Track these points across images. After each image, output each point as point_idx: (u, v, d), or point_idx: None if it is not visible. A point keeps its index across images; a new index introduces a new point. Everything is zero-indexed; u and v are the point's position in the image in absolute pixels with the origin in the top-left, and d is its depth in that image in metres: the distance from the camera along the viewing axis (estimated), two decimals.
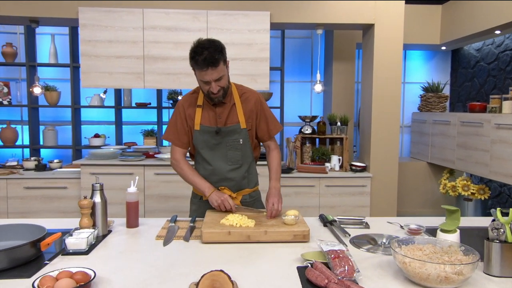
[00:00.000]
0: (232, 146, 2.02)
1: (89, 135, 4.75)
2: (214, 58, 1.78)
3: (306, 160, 4.22)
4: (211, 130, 1.98)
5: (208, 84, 1.85)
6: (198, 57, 1.78)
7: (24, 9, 3.76)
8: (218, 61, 1.80)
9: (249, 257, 1.52)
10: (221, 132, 1.98)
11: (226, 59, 1.89)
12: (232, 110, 2.01)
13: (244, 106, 2.02)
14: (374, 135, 4.01)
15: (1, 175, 3.79)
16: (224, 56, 1.86)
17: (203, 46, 1.79)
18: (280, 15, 3.86)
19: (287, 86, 5.10)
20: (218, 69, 1.81)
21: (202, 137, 2.00)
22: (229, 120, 2.00)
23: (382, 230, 1.87)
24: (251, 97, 2.05)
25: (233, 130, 2.00)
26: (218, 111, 1.98)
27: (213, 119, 1.99)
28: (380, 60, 3.94)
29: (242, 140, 2.02)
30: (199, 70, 1.81)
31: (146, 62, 3.76)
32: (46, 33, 4.85)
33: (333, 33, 4.78)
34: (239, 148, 2.02)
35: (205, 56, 1.77)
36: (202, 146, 2.02)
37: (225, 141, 2.01)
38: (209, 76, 1.81)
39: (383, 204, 4.02)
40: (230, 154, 2.02)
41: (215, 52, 1.79)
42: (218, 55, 1.79)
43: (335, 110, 4.77)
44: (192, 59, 1.82)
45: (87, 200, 1.67)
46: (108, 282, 1.28)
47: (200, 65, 1.79)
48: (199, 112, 1.99)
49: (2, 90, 4.65)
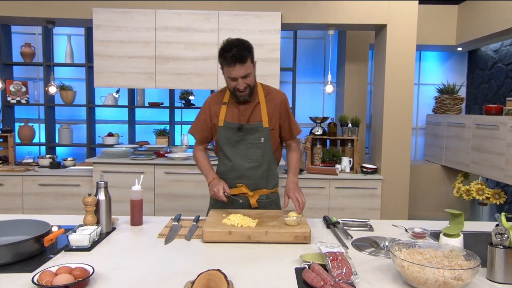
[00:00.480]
0: (253, 144, 2.05)
1: (103, 133, 4.83)
2: (242, 55, 1.85)
3: (317, 161, 4.19)
4: (233, 127, 2.03)
5: (235, 80, 1.92)
6: (226, 54, 1.85)
7: (40, 10, 3.84)
8: (246, 58, 1.87)
9: (248, 257, 1.53)
10: (243, 129, 2.02)
11: (254, 59, 1.96)
12: (256, 109, 2.04)
13: (269, 106, 2.05)
14: (385, 137, 3.96)
15: (17, 172, 3.89)
16: (252, 55, 1.92)
17: (232, 44, 1.87)
18: (291, 16, 3.85)
19: (300, 87, 5.09)
20: (245, 66, 1.88)
21: (225, 133, 2.05)
22: (252, 118, 2.04)
23: (386, 233, 1.85)
24: (276, 97, 2.08)
25: (255, 128, 2.03)
26: (241, 108, 2.03)
27: (236, 116, 2.04)
28: (392, 61, 3.89)
29: (264, 139, 2.04)
30: (227, 66, 1.88)
31: (157, 62, 3.80)
32: (63, 34, 4.96)
33: (346, 33, 4.75)
34: (260, 147, 2.05)
35: (233, 53, 1.84)
36: (224, 142, 2.07)
37: (247, 138, 2.04)
38: (236, 73, 1.88)
39: (394, 207, 3.97)
40: (251, 152, 2.05)
41: (243, 50, 1.86)
42: (246, 52, 1.87)
43: (347, 111, 4.73)
44: (221, 56, 1.89)
45: (91, 198, 1.70)
46: (107, 279, 1.30)
47: (228, 61, 1.86)
48: (223, 109, 2.06)
49: (20, 89, 4.77)
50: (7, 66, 4.75)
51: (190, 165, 3.79)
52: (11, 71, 4.84)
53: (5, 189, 3.87)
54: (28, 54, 4.74)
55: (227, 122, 2.05)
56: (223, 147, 2.08)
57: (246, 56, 1.87)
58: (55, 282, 1.16)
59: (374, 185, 3.91)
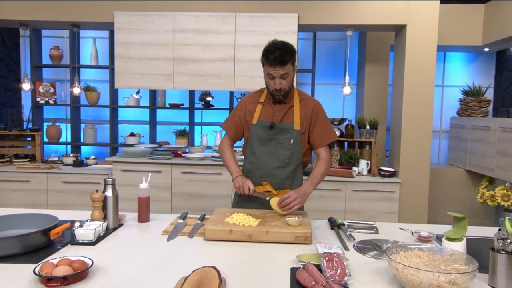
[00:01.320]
0: (282, 144, 2.10)
1: (125, 133, 4.96)
2: (284, 58, 1.95)
3: (334, 163, 4.15)
4: (266, 125, 2.10)
5: (273, 79, 2.01)
6: (269, 55, 1.96)
7: (65, 14, 4.00)
8: (287, 62, 1.97)
9: (247, 256, 1.54)
10: (275, 128, 2.09)
11: (295, 63, 2.06)
12: (290, 111, 2.12)
13: (302, 110, 2.12)
14: (404, 140, 3.88)
15: (42, 169, 4.05)
16: (293, 59, 2.02)
17: (276, 46, 1.97)
18: (308, 17, 3.84)
19: (320, 89, 5.06)
20: (285, 68, 1.98)
21: (257, 131, 2.12)
22: (285, 119, 2.11)
23: (391, 236, 1.82)
24: (309, 103, 2.16)
25: (286, 129, 2.09)
26: (276, 108, 2.12)
27: (270, 115, 2.12)
28: (412, 63, 3.81)
29: (293, 141, 2.09)
30: (268, 66, 1.99)
31: (176, 63, 3.88)
32: (89, 37, 5.13)
33: (366, 34, 4.69)
34: (289, 148, 2.10)
35: (276, 55, 1.94)
36: (255, 139, 2.14)
37: (277, 138, 2.10)
38: (276, 72, 1.99)
39: (412, 211, 3.88)
40: (279, 152, 2.11)
41: (286, 53, 1.96)
42: (288, 56, 1.96)
43: (367, 113, 4.67)
44: (264, 56, 2.00)
45: (98, 194, 1.76)
46: (105, 271, 1.35)
47: (270, 62, 1.97)
48: (259, 108, 2.15)
49: (48, 90, 4.97)
50: (37, 68, 4.96)
51: (207, 165, 3.84)
52: (40, 73, 5.05)
53: (31, 186, 4.04)
54: (56, 56, 4.94)
55: (261, 120, 2.12)
56: (253, 144, 2.14)
57: (288, 60, 1.96)
58: (54, 273, 1.22)
59: (392, 189, 3.84)
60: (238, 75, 3.84)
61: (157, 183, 3.88)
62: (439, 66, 5.25)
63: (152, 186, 3.88)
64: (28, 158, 4.35)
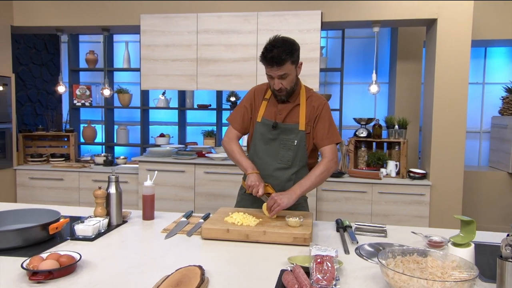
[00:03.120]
0: (285, 145, 2.01)
1: (156, 134, 5.07)
2: (281, 58, 1.81)
3: (361, 164, 4.01)
4: (269, 124, 2.01)
5: (272, 79, 1.91)
6: (266, 54, 1.84)
7: (96, 19, 4.16)
8: (284, 61, 1.83)
9: (239, 256, 1.50)
10: (278, 128, 1.99)
11: (297, 61, 1.91)
12: (294, 110, 2.01)
13: (308, 109, 2.01)
14: (435, 140, 3.67)
15: (74, 168, 4.23)
16: (294, 57, 1.87)
17: (275, 44, 1.84)
18: (332, 14, 3.74)
19: (351, 88, 4.92)
20: (283, 68, 1.85)
21: (261, 130, 2.04)
22: (289, 119, 2.01)
23: (400, 240, 1.71)
24: (315, 100, 2.02)
25: (290, 129, 2.00)
26: (280, 107, 2.02)
27: (273, 114, 2.02)
28: (444, 59, 3.60)
29: (297, 142, 1.99)
30: (265, 65, 1.88)
31: (199, 64, 3.91)
32: (122, 41, 5.31)
33: (397, 30, 4.50)
34: (292, 149, 2.00)
35: (272, 54, 1.82)
36: (258, 138, 2.05)
37: (280, 138, 2.01)
38: (274, 72, 1.87)
39: (444, 216, 3.66)
40: (282, 153, 2.01)
41: (284, 52, 1.82)
42: (285, 55, 1.82)
43: (399, 112, 4.48)
44: (261, 55, 1.88)
45: (100, 191, 1.79)
46: (93, 267, 1.36)
47: (267, 61, 1.85)
48: (264, 105, 2.05)
49: (85, 93, 5.18)
50: (74, 72, 5.19)
51: (230, 165, 3.83)
52: (77, 77, 5.28)
53: (64, 184, 4.23)
54: (91, 60, 5.14)
55: (265, 119, 2.03)
56: (256, 143, 2.07)
57: (285, 59, 1.83)
58: (40, 267, 1.24)
59: (422, 191, 3.64)
60: (261, 74, 3.80)
61: (181, 183, 3.93)
62: (479, 62, 4.94)
63: (176, 185, 3.98)
64: (63, 158, 4.56)
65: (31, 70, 5.23)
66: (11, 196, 4.28)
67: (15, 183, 4.32)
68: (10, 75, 4.26)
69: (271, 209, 1.78)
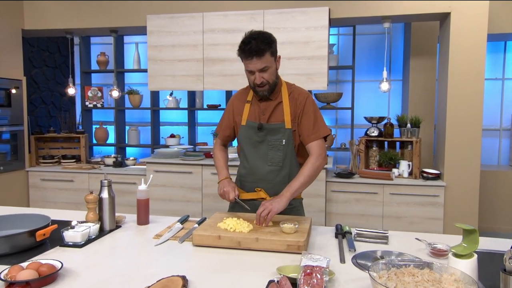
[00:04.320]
0: (273, 146, 1.93)
1: (167, 135, 5.07)
2: (260, 48, 1.76)
3: (372, 164, 3.90)
4: (254, 126, 1.94)
5: (252, 74, 1.84)
6: (244, 46, 1.78)
7: (104, 21, 4.16)
8: (263, 52, 1.77)
9: (229, 264, 1.44)
10: (263, 129, 1.92)
11: (276, 53, 1.86)
12: (278, 108, 1.93)
13: (291, 105, 1.93)
14: (449, 139, 3.52)
15: (84, 170, 4.25)
16: (272, 48, 1.82)
17: (252, 36, 1.79)
18: (340, 10, 3.63)
19: (361, 86, 4.79)
20: (263, 60, 1.79)
21: (246, 133, 1.97)
22: (273, 118, 1.93)
23: (402, 248, 1.62)
24: (297, 95, 1.94)
25: (276, 129, 1.92)
26: (262, 107, 1.94)
27: (257, 114, 1.95)
28: (458, 54, 3.45)
29: (285, 141, 1.92)
30: (245, 59, 1.81)
31: (205, 64, 3.87)
32: (132, 42, 5.32)
33: (411, 26, 4.35)
34: (281, 149, 1.92)
35: (251, 45, 1.76)
36: (245, 142, 1.99)
37: (268, 139, 1.94)
38: (253, 66, 1.80)
39: (460, 218, 3.51)
40: (271, 154, 1.94)
41: (262, 43, 1.77)
42: (264, 45, 1.77)
43: (413, 110, 4.33)
44: (239, 49, 1.82)
45: (92, 195, 1.76)
46: (75, 276, 1.32)
47: (245, 54, 1.79)
48: (247, 108, 1.98)
49: (96, 94, 5.21)
50: (86, 73, 5.23)
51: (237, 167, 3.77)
52: (89, 78, 5.32)
53: (74, 185, 4.26)
54: (102, 62, 5.17)
55: (249, 121, 1.96)
56: (244, 147, 2.00)
57: (264, 50, 1.77)
58: (18, 278, 1.21)
59: (436, 193, 3.51)
60: None
61: (188, 184, 3.90)
62: (498, 57, 4.74)
63: (183, 186, 3.94)
64: (74, 159, 4.60)
65: (45, 72, 5.29)
66: (24, 197, 4.34)
67: (28, 184, 4.38)
68: (22, 78, 4.31)
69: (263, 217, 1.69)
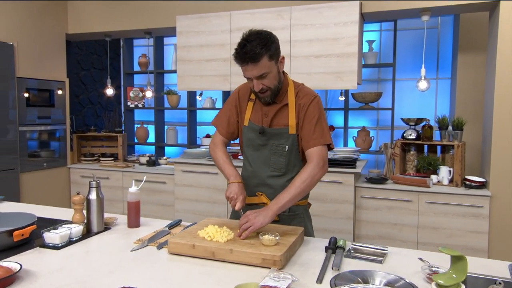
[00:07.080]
0: (276, 151, 1.80)
1: (203, 135, 5.09)
2: (255, 52, 1.58)
3: (409, 170, 3.59)
4: (256, 129, 1.81)
5: (251, 80, 1.68)
6: (240, 50, 1.62)
7: (138, 23, 4.25)
8: (259, 57, 1.59)
9: (193, 277, 1.34)
10: (266, 133, 1.79)
11: (276, 55, 1.67)
12: (282, 111, 1.78)
13: (297, 108, 1.77)
14: (495, 144, 3.14)
15: (119, 168, 4.39)
16: (271, 51, 1.63)
17: (248, 38, 1.62)
18: (372, 4, 3.38)
19: (403, 85, 4.46)
20: (260, 66, 1.61)
21: (248, 135, 1.84)
22: (276, 122, 1.79)
23: (396, 269, 1.41)
24: (302, 97, 1.78)
25: (279, 134, 1.79)
26: (265, 109, 1.80)
27: (260, 117, 1.81)
28: (507, 48, 3.05)
29: (288, 147, 1.78)
30: (240, 65, 1.64)
31: (232, 64, 3.80)
32: (171, 44, 5.41)
33: (459, 18, 3.96)
34: (284, 155, 1.79)
35: (245, 50, 1.59)
36: (247, 144, 1.87)
37: (270, 144, 1.80)
38: (249, 72, 1.64)
39: (507, 232, 3.11)
40: (273, 160, 1.81)
41: (258, 46, 1.58)
42: (260, 49, 1.59)
43: (460, 111, 3.94)
44: (234, 53, 1.65)
45: (78, 196, 1.75)
46: (34, 280, 1.29)
47: (240, 59, 1.62)
48: (250, 107, 1.84)
49: (138, 95, 5.37)
50: (128, 75, 5.41)
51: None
52: (131, 79, 5.50)
53: (110, 182, 4.40)
54: (143, 63, 5.32)
55: (252, 123, 1.83)
56: (246, 149, 1.88)
57: (260, 54, 1.59)
58: None
59: (480, 203, 3.14)
60: (294, 72, 3.57)
61: (214, 185, 3.86)
62: None
63: (210, 187, 3.91)
64: (112, 157, 4.77)
65: (92, 74, 5.56)
66: (66, 193, 4.57)
67: (69, 180, 4.61)
68: (65, 79, 4.54)
69: (243, 229, 1.56)
